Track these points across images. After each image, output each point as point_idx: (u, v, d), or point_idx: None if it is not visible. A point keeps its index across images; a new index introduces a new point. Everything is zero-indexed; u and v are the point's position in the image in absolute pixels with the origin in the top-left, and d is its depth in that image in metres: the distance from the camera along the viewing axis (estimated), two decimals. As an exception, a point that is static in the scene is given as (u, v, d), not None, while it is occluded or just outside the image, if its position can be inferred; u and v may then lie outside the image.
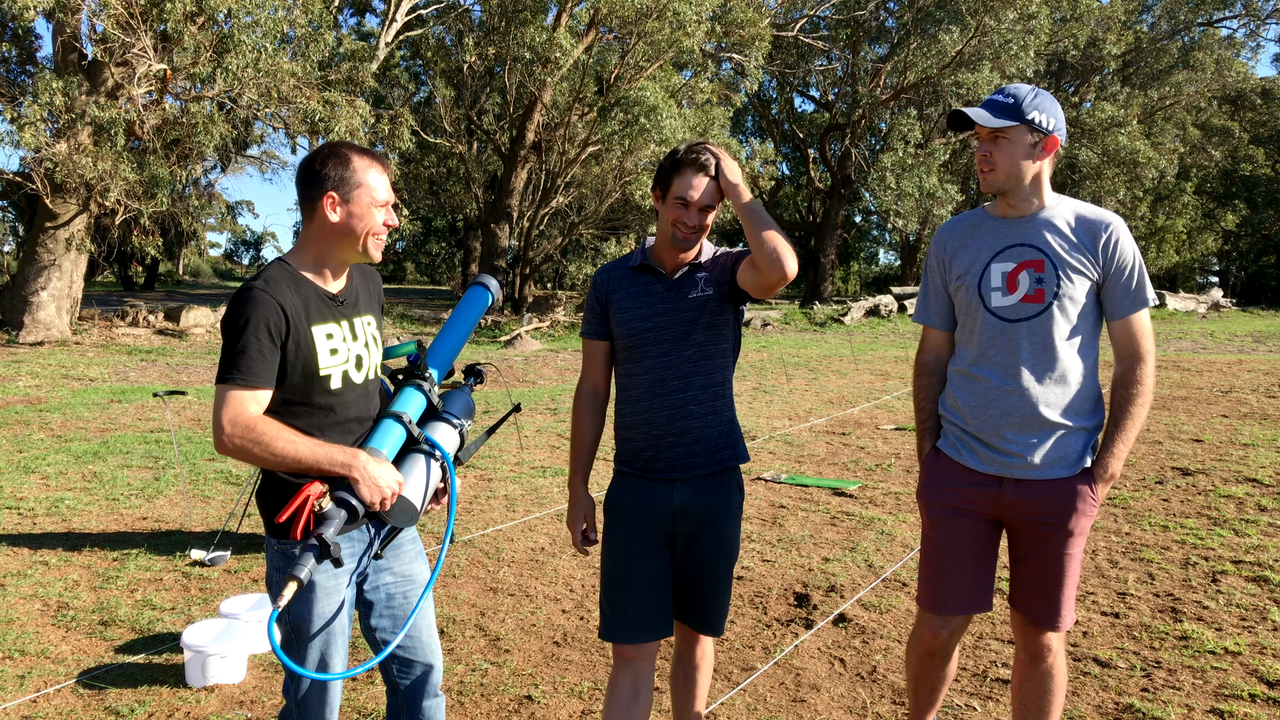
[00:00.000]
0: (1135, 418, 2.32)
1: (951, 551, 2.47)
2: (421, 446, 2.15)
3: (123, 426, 8.68)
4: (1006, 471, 2.38)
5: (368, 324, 2.23)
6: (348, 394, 2.15)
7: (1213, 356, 16.72)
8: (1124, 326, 2.34)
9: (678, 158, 2.36)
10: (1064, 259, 2.32)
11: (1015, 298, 2.35)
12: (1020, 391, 2.34)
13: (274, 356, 2.01)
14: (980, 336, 2.40)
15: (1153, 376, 2.33)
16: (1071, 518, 2.35)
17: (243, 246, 59.92)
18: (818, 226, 33.82)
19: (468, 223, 34.01)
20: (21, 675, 3.46)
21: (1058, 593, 2.39)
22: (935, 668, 2.59)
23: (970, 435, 2.43)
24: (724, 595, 2.54)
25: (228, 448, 1.97)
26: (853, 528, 5.52)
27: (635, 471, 2.49)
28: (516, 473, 6.97)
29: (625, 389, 2.51)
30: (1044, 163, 2.36)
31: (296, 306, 2.05)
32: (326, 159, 2.10)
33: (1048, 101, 2.32)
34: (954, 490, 2.46)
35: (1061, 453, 2.34)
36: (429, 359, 2.31)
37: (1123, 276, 2.33)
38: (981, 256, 2.41)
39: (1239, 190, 40.27)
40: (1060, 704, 2.50)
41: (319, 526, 1.93)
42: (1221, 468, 7.05)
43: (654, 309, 2.43)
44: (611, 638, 2.45)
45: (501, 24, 20.87)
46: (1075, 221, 2.35)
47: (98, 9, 14.12)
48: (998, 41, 25.11)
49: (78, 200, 15.55)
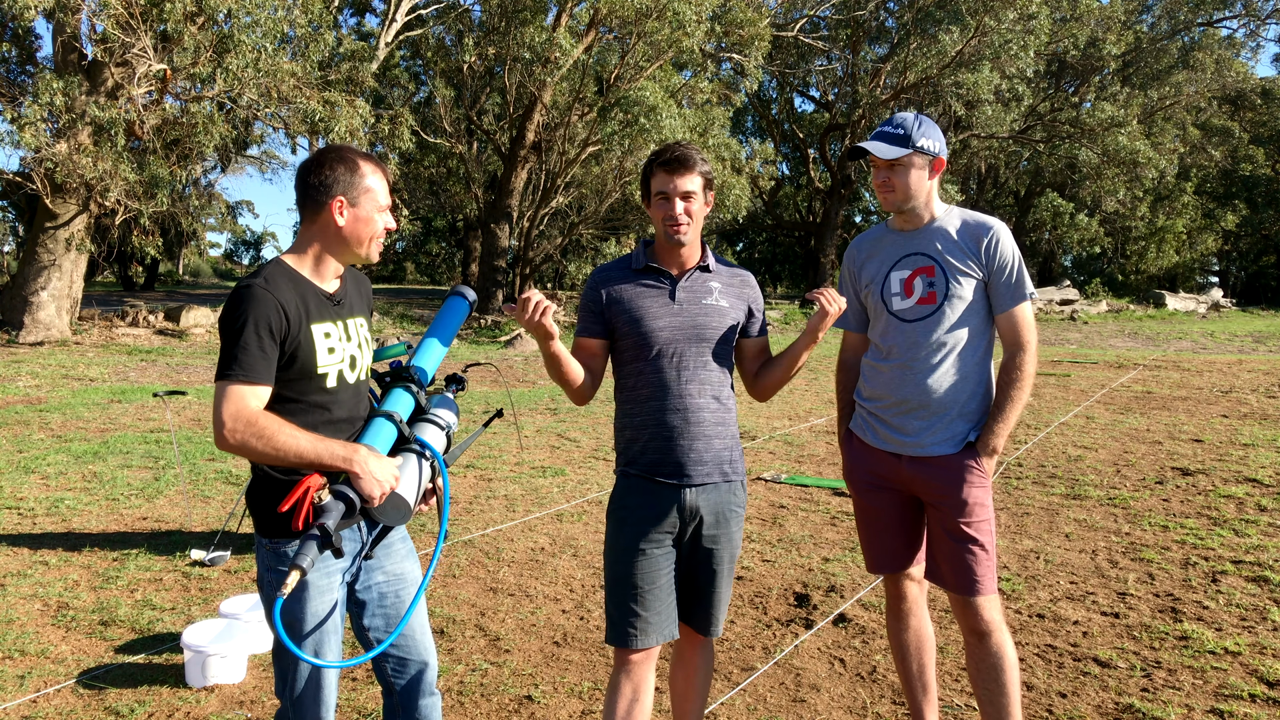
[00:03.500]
0: (1015, 400, 2.57)
1: (874, 519, 2.78)
2: (412, 446, 2.17)
3: (123, 426, 8.68)
4: (902, 450, 2.65)
5: (360, 325, 2.26)
6: (342, 393, 2.17)
7: (1213, 356, 16.72)
8: (1007, 319, 2.61)
9: (653, 160, 2.43)
10: (951, 263, 2.60)
11: (911, 301, 2.64)
12: (915, 382, 2.61)
13: (273, 353, 2.03)
14: (885, 335, 2.69)
15: (1033, 363, 2.59)
16: (962, 489, 2.57)
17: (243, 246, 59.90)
18: (818, 226, 33.83)
19: (468, 223, 34.02)
20: (21, 675, 3.46)
21: (965, 557, 2.57)
22: (902, 629, 2.82)
23: (874, 417, 2.72)
24: (726, 596, 2.54)
25: (229, 443, 1.97)
26: (852, 528, 5.52)
27: (641, 473, 2.46)
28: (516, 473, 6.97)
29: (632, 389, 2.48)
30: (934, 181, 2.65)
31: (296, 305, 2.07)
32: (335, 163, 2.12)
33: (931, 128, 2.61)
34: (868, 469, 2.75)
35: (949, 434, 2.60)
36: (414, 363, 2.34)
37: (1003, 275, 2.59)
38: (884, 266, 2.71)
39: (1239, 190, 40.29)
40: (1012, 683, 2.55)
41: (320, 517, 1.95)
42: (1221, 468, 7.05)
43: (665, 309, 2.44)
44: (622, 643, 2.42)
45: (501, 24, 20.87)
46: (960, 228, 2.63)
47: (98, 9, 14.12)
48: (998, 41, 25.11)
49: (78, 200, 15.55)
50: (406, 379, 2.26)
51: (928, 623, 2.83)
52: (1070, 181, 34.05)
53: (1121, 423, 9.25)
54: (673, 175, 2.39)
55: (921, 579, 2.80)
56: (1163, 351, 17.93)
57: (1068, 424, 9.18)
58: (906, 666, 2.83)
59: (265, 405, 2.05)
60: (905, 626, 2.82)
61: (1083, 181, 32.77)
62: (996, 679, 2.55)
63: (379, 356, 2.35)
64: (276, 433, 1.97)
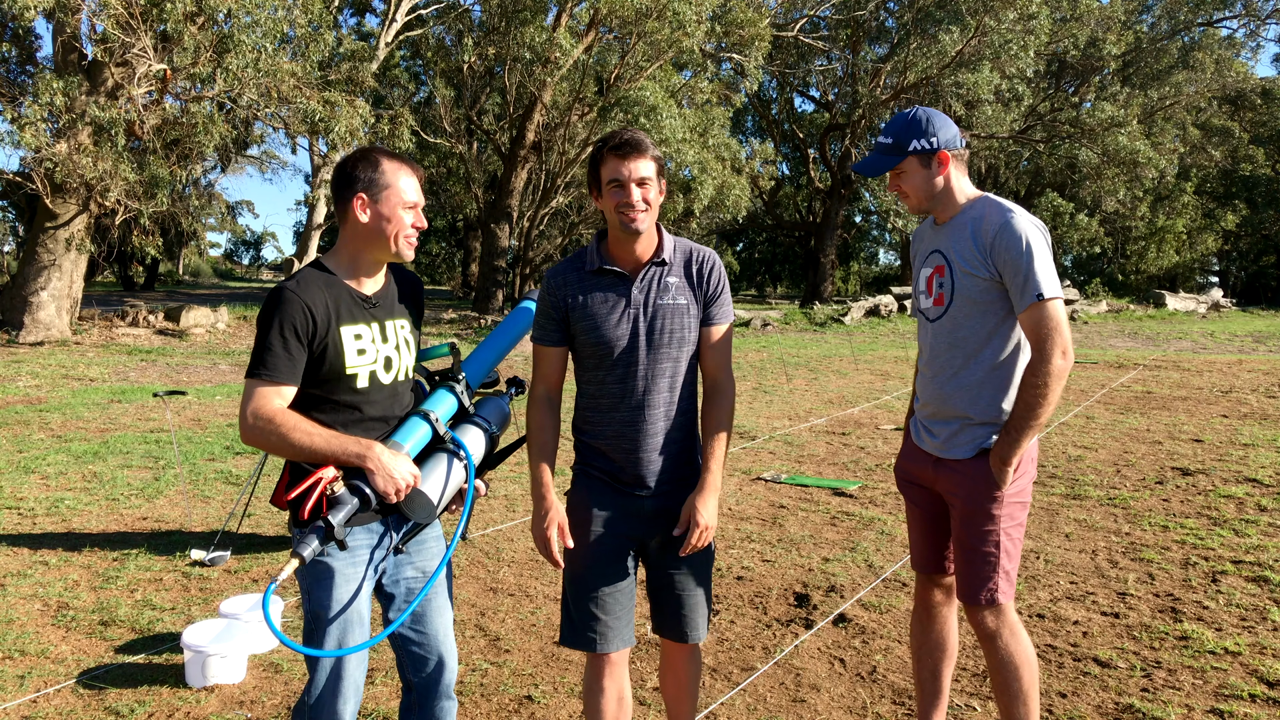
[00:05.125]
0: (1031, 412, 2.38)
1: (912, 517, 2.80)
2: (447, 446, 2.20)
3: (123, 426, 8.68)
4: (931, 450, 2.63)
5: (400, 327, 2.29)
6: (374, 394, 2.21)
7: (1213, 356, 16.73)
8: (1024, 320, 2.42)
9: (601, 146, 2.28)
10: (959, 264, 2.49)
11: (931, 300, 2.61)
12: (935, 383, 2.59)
13: (300, 354, 2.10)
14: (919, 333, 2.70)
15: (1053, 371, 2.34)
16: (971, 496, 2.51)
17: (243, 246, 59.95)
18: (818, 226, 33.82)
19: (468, 223, 34.01)
20: (21, 675, 3.46)
21: (969, 566, 2.53)
22: (924, 632, 2.79)
23: (916, 415, 2.73)
24: (706, 598, 2.47)
25: (249, 438, 2.07)
26: (853, 528, 5.52)
27: (602, 474, 2.40)
28: (516, 473, 6.97)
29: (593, 396, 2.39)
30: (946, 175, 2.53)
31: (326, 307, 2.13)
32: (357, 162, 2.19)
33: (925, 123, 2.48)
34: (908, 464, 2.75)
35: (969, 438, 2.54)
36: (466, 364, 2.35)
37: (1013, 274, 2.40)
38: (918, 262, 2.70)
39: (1239, 190, 40.27)
40: (1026, 686, 2.52)
41: (330, 510, 2.00)
42: (1221, 468, 7.05)
43: (623, 314, 2.32)
44: (585, 647, 2.35)
45: (501, 24, 20.86)
46: (973, 224, 2.48)
47: (98, 9, 14.12)
48: (998, 41, 25.10)
49: (78, 200, 15.54)
50: (452, 379, 2.30)
51: (952, 631, 2.78)
52: (1070, 181, 34.03)
53: (1121, 423, 9.25)
54: (625, 159, 2.23)
55: (951, 587, 2.75)
56: (1163, 351, 17.93)
57: (1068, 424, 9.18)
58: (921, 669, 2.80)
59: (298, 403, 2.13)
60: (926, 630, 2.80)
61: (1083, 181, 32.75)
62: (1004, 683, 2.53)
63: (424, 357, 2.39)
64: (292, 429, 2.05)
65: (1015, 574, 2.56)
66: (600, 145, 2.29)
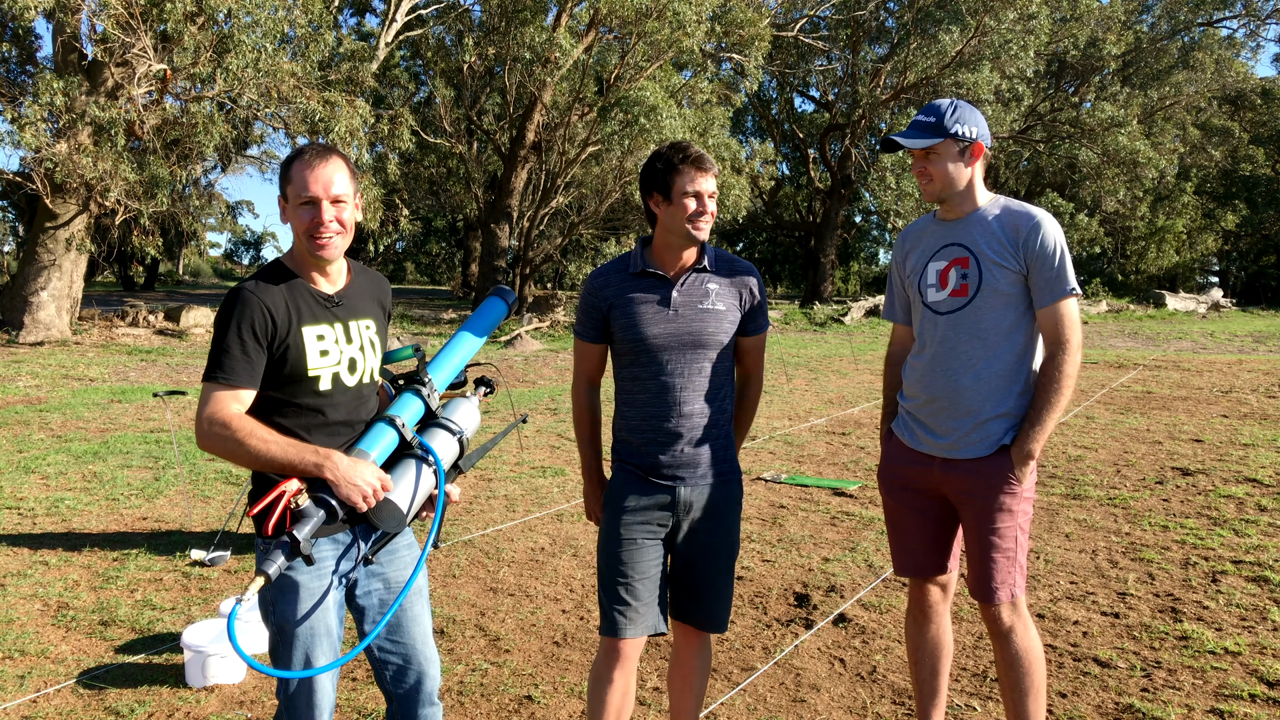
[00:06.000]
0: (1053, 403, 2.45)
1: (901, 522, 2.74)
2: (415, 451, 2.11)
3: (123, 426, 8.68)
4: (936, 451, 2.58)
5: (365, 327, 2.20)
6: (337, 396, 2.13)
7: (1213, 356, 16.73)
8: (1047, 315, 2.48)
9: (673, 160, 2.40)
10: (987, 255, 2.51)
11: (945, 292, 2.57)
12: (946, 377, 2.55)
13: (259, 356, 2.02)
14: (921, 329, 2.65)
15: (1074, 363, 2.46)
16: (990, 494, 2.50)
17: (243, 246, 59.95)
18: (818, 226, 33.83)
19: (468, 223, 34.02)
20: (21, 675, 3.46)
21: (987, 566, 2.52)
22: (920, 634, 2.78)
23: (912, 417, 2.67)
24: (728, 589, 2.54)
25: (205, 444, 1.98)
26: (853, 528, 5.52)
27: (636, 469, 2.49)
28: (516, 473, 6.97)
29: (631, 392, 2.50)
30: (974, 168, 2.57)
31: (286, 307, 2.05)
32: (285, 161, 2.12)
33: (967, 112, 2.52)
34: (899, 468, 2.70)
35: (982, 435, 2.52)
36: (432, 365, 2.28)
37: (1043, 269, 2.46)
38: (924, 257, 2.65)
39: (1239, 190, 40.28)
40: (1038, 682, 2.54)
41: (295, 524, 1.90)
42: (1221, 468, 7.05)
43: (661, 315, 2.44)
44: (611, 632, 2.44)
45: (501, 24, 20.87)
46: (1001, 219, 2.53)
47: (98, 9, 14.12)
48: (998, 41, 25.11)
49: (78, 200, 15.55)
50: (417, 382, 2.21)
51: (947, 631, 2.80)
52: (1070, 181, 34.03)
53: (1121, 423, 9.25)
54: (705, 172, 2.40)
55: (947, 585, 2.76)
56: (1163, 351, 17.93)
57: (1068, 424, 9.18)
58: (920, 670, 2.81)
59: (259, 407, 2.03)
60: (923, 632, 2.79)
61: (1083, 181, 32.75)
62: (1016, 680, 2.54)
63: (389, 360, 2.29)
64: (248, 436, 1.95)
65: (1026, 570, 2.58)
66: (673, 156, 2.41)
